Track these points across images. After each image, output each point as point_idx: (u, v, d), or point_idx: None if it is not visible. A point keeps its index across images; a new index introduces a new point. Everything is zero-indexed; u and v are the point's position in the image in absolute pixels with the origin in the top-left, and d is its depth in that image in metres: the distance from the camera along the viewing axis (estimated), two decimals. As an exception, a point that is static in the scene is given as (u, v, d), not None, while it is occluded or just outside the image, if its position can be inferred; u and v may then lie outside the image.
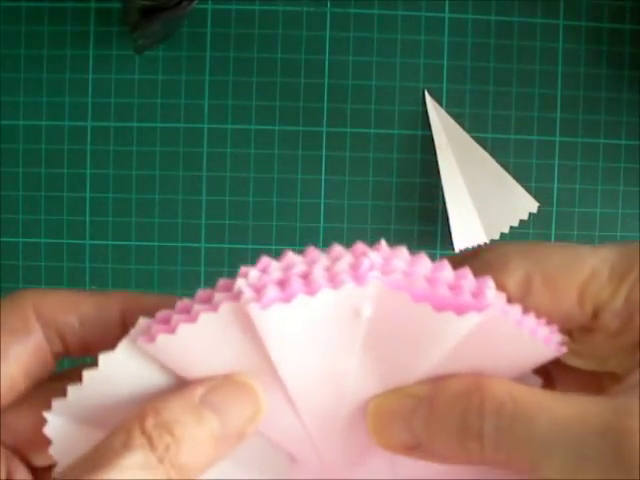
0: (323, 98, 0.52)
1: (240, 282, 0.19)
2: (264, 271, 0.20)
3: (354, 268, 0.19)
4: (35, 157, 0.51)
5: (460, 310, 0.19)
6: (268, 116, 0.52)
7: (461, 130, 0.51)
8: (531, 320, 0.21)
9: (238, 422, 0.20)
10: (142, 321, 0.20)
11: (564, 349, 0.21)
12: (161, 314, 0.20)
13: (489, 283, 0.20)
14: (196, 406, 0.19)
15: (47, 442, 0.21)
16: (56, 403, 0.20)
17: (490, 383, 0.20)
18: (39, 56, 0.51)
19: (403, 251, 0.21)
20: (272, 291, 0.19)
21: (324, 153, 0.52)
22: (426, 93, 0.52)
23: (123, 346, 0.20)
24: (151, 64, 0.51)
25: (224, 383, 0.20)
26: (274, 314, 0.19)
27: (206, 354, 0.20)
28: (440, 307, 0.19)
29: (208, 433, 0.19)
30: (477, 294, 0.20)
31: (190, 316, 0.19)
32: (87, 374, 0.20)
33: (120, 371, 0.20)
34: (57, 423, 0.21)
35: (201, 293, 0.20)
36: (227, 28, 0.51)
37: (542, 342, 0.21)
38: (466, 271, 0.20)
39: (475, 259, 0.22)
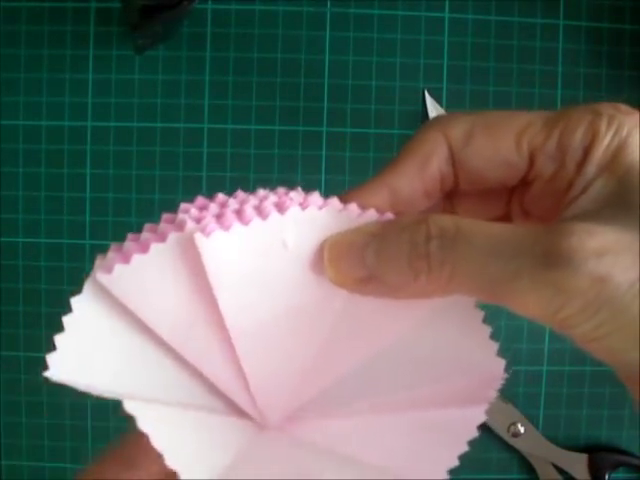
0: (323, 98, 0.52)
1: (183, 215, 0.21)
2: (202, 208, 0.22)
3: (278, 205, 0.22)
4: (35, 157, 0.51)
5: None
6: (268, 116, 0.52)
7: (461, 130, 0.51)
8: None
9: None
10: (99, 258, 0.21)
11: None
12: (115, 245, 0.21)
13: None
14: None
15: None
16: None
17: (436, 215, 0.22)
18: (39, 56, 0.51)
19: (316, 194, 0.24)
20: (212, 222, 0.21)
21: (324, 153, 0.52)
22: (426, 93, 0.52)
23: (88, 285, 0.21)
24: (151, 64, 0.51)
25: None
26: (215, 242, 0.21)
27: (158, 290, 0.21)
28: None
29: None
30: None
31: (142, 245, 0.21)
32: (65, 319, 0.21)
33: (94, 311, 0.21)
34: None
35: (147, 225, 0.22)
36: (227, 28, 0.51)
37: None
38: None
39: (432, 121, 0.24)
